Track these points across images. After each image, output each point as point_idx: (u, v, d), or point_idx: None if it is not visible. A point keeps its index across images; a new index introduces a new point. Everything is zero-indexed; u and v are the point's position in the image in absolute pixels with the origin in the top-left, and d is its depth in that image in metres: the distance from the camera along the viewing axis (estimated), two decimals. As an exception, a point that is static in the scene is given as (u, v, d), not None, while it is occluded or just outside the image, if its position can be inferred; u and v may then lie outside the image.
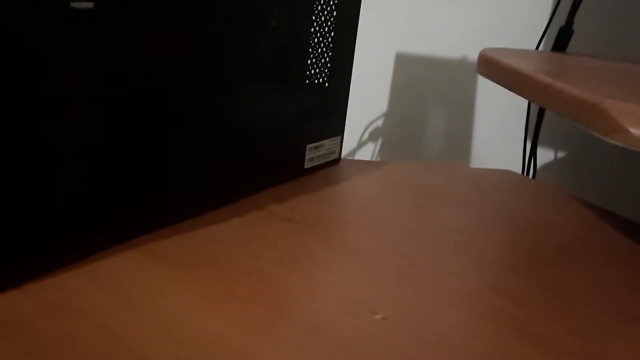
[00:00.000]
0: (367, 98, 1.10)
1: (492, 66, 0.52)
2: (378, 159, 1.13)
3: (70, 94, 0.31)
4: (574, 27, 0.69)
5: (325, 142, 0.57)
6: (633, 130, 0.33)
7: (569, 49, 0.70)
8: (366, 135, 1.12)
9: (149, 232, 0.39)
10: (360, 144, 1.13)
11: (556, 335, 0.33)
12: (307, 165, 0.55)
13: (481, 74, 0.54)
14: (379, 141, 1.12)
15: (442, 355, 0.30)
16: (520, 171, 0.84)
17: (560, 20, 0.72)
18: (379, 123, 1.11)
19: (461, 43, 1.01)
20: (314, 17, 0.50)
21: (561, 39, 0.68)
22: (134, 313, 0.30)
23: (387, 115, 1.11)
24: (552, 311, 0.35)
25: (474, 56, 1.00)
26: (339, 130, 0.59)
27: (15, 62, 0.28)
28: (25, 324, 0.28)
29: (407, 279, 0.37)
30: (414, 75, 1.07)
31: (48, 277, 0.32)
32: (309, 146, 0.54)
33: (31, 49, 0.29)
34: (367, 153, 1.14)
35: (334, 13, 0.53)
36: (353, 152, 1.14)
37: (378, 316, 0.32)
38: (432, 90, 1.06)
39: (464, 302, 0.35)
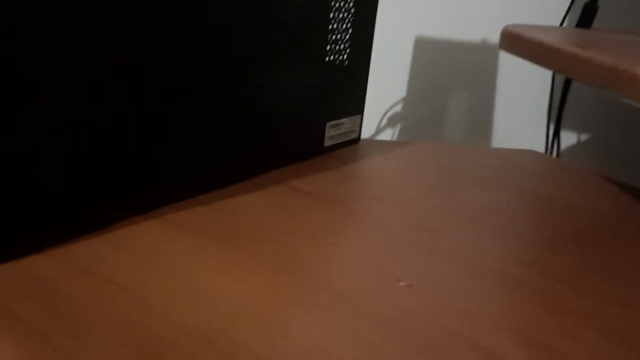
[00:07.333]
0: (386, 83, 1.09)
1: (516, 41, 0.51)
2: (397, 145, 1.12)
3: (83, 67, 0.31)
4: (598, 3, 0.67)
5: (345, 120, 0.56)
6: (666, 94, 0.32)
7: (593, 27, 0.68)
8: (385, 121, 1.11)
9: (170, 204, 0.39)
10: (379, 129, 1.13)
11: (584, 306, 0.32)
12: (327, 143, 0.54)
13: (504, 49, 0.53)
14: (398, 126, 1.12)
15: (467, 322, 0.29)
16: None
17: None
18: (398, 108, 1.11)
19: (481, 25, 1.00)
20: (334, -8, 0.50)
21: (586, 15, 0.66)
22: (160, 278, 0.30)
23: (406, 99, 1.10)
24: (580, 284, 0.34)
25: (494, 38, 0.99)
26: (359, 109, 0.58)
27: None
28: (50, 286, 0.28)
29: (431, 251, 0.36)
30: (434, 59, 1.05)
31: (70, 243, 0.32)
32: (329, 124, 0.54)
33: (17, 21, 0.28)
34: (386, 138, 1.13)
35: (354, -12, 0.52)
36: (372, 137, 1.14)
37: (402, 283, 0.32)
38: (452, 74, 1.05)
39: (490, 274, 0.34)
